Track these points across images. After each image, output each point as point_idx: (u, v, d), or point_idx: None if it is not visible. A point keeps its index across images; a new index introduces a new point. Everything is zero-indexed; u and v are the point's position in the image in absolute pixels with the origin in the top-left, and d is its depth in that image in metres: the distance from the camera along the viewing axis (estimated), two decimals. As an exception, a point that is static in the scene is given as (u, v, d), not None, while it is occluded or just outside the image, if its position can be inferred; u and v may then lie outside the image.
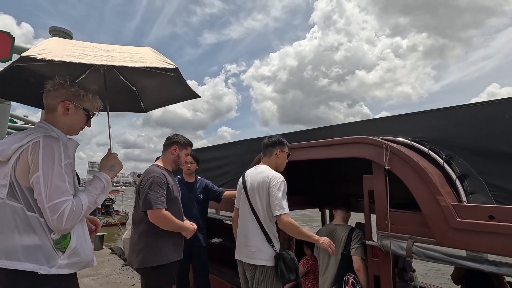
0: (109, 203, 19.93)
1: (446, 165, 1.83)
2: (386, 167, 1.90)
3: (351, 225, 2.61)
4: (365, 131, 2.29)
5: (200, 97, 1.98)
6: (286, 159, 2.39)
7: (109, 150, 1.54)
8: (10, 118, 11.41)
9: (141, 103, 2.11)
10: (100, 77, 1.67)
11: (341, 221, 2.61)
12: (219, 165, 3.85)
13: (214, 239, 4.02)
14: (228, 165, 3.73)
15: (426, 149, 1.95)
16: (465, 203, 1.64)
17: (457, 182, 1.75)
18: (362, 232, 2.40)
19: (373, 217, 2.12)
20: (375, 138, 2.07)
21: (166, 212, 2.01)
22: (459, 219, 1.57)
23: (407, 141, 2.05)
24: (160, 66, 1.37)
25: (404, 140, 2.07)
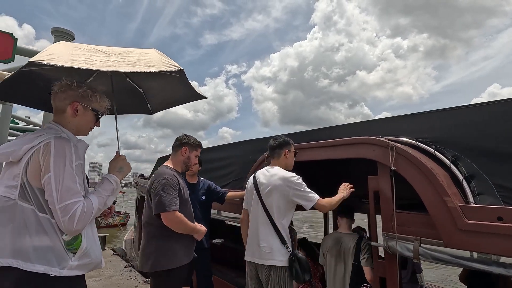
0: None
1: (453, 166, 1.81)
2: (392, 168, 1.88)
3: (356, 234, 2.61)
4: (369, 132, 2.27)
5: (207, 98, 1.97)
6: (294, 158, 2.41)
7: (117, 153, 1.56)
8: (12, 119, 11.43)
9: (148, 105, 2.10)
10: (108, 80, 1.67)
11: (347, 230, 2.60)
12: (222, 166, 3.83)
13: (216, 240, 4.00)
14: (231, 166, 3.71)
15: (432, 150, 1.93)
16: (473, 204, 1.62)
17: (464, 183, 1.73)
18: (367, 239, 2.40)
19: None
20: (381, 139, 2.06)
21: (180, 215, 1.98)
22: (467, 221, 1.55)
23: (412, 142, 2.03)
24: (166, 70, 1.38)
25: (409, 141, 2.05)
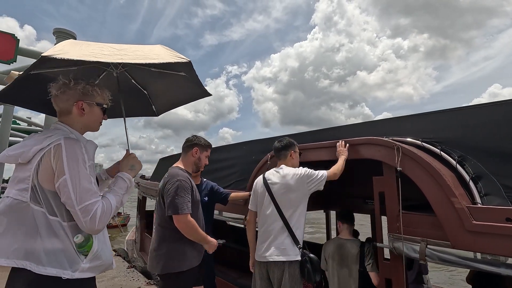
0: None
1: (459, 166, 1.80)
2: (398, 169, 1.87)
3: (358, 239, 2.62)
4: (373, 132, 2.26)
5: (212, 95, 1.97)
6: (299, 158, 2.44)
7: (127, 151, 1.56)
8: (13, 120, 11.46)
9: (153, 107, 2.10)
10: (114, 82, 1.66)
11: (348, 235, 2.61)
12: (224, 167, 3.81)
13: (218, 240, 3.98)
14: (233, 167, 3.70)
15: (438, 150, 1.92)
16: (480, 205, 1.61)
17: (471, 184, 1.71)
18: (370, 245, 2.42)
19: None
20: (386, 139, 2.05)
21: (192, 220, 1.97)
22: (475, 222, 1.53)
23: (417, 142, 2.02)
24: (174, 61, 1.39)
25: (414, 141, 2.04)
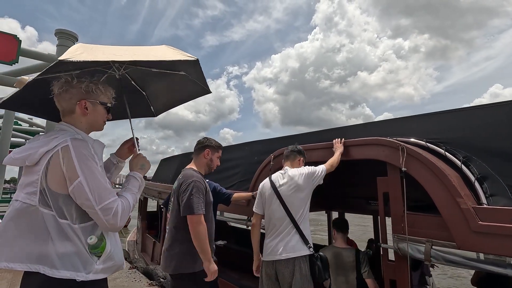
0: None
1: (464, 167, 1.79)
2: (403, 169, 1.87)
3: (353, 248, 2.69)
4: (376, 132, 2.25)
5: (211, 92, 1.98)
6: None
7: (135, 151, 1.57)
8: (15, 121, 11.49)
9: (152, 107, 2.10)
10: (115, 85, 1.65)
11: (343, 244, 2.70)
12: (226, 167, 3.80)
13: (219, 242, 3.97)
14: (236, 168, 3.70)
15: (442, 151, 1.91)
16: (486, 206, 1.60)
17: (476, 184, 1.71)
18: (365, 253, 2.54)
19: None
20: (390, 139, 2.04)
21: (204, 224, 1.96)
22: (481, 222, 1.52)
23: (422, 142, 2.02)
24: (184, 59, 1.42)
25: (418, 141, 2.04)
